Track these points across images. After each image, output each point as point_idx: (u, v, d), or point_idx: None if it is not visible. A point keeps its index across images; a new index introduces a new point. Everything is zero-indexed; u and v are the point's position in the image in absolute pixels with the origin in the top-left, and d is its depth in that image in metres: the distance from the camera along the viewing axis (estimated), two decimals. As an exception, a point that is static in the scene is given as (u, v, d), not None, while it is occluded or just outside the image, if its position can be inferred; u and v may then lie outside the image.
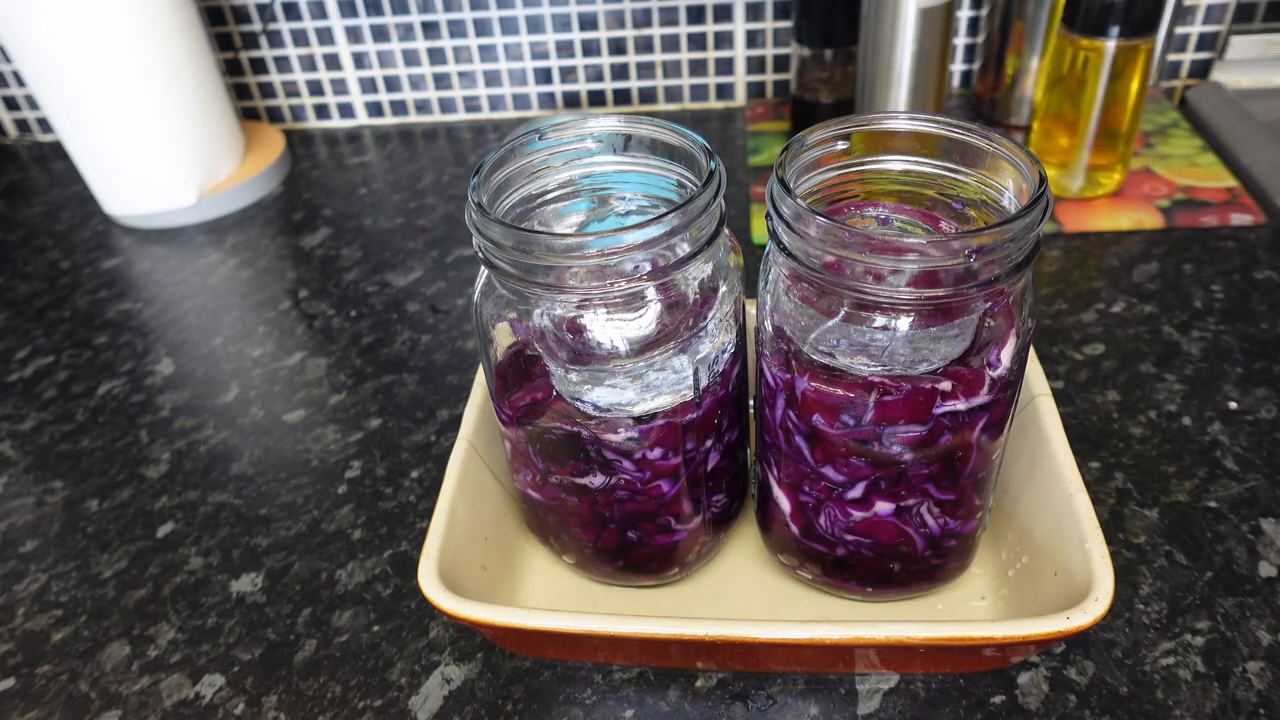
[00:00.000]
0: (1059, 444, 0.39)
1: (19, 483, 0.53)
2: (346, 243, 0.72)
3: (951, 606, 0.41)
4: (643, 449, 0.36)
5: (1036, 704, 0.37)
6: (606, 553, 0.40)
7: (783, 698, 0.38)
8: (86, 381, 0.60)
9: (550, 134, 0.37)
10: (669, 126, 0.36)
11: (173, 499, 0.51)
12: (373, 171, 0.82)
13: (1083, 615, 0.33)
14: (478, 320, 0.37)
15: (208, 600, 0.45)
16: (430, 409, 0.55)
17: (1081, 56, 0.61)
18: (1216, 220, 0.64)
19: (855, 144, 0.35)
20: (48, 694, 0.41)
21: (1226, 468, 0.47)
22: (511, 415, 0.38)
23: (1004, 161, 0.33)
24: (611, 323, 0.34)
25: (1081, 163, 0.65)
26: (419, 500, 0.49)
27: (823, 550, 0.39)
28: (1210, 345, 0.54)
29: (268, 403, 0.57)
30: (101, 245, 0.75)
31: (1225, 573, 0.42)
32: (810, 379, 0.34)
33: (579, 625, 0.34)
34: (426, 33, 0.85)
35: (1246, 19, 0.78)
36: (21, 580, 0.47)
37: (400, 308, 0.64)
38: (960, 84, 0.84)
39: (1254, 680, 0.38)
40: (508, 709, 0.39)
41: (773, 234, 0.33)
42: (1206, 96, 0.76)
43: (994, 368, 0.33)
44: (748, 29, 0.82)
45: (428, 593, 0.35)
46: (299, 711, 0.40)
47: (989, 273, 0.30)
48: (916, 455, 0.34)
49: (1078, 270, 0.61)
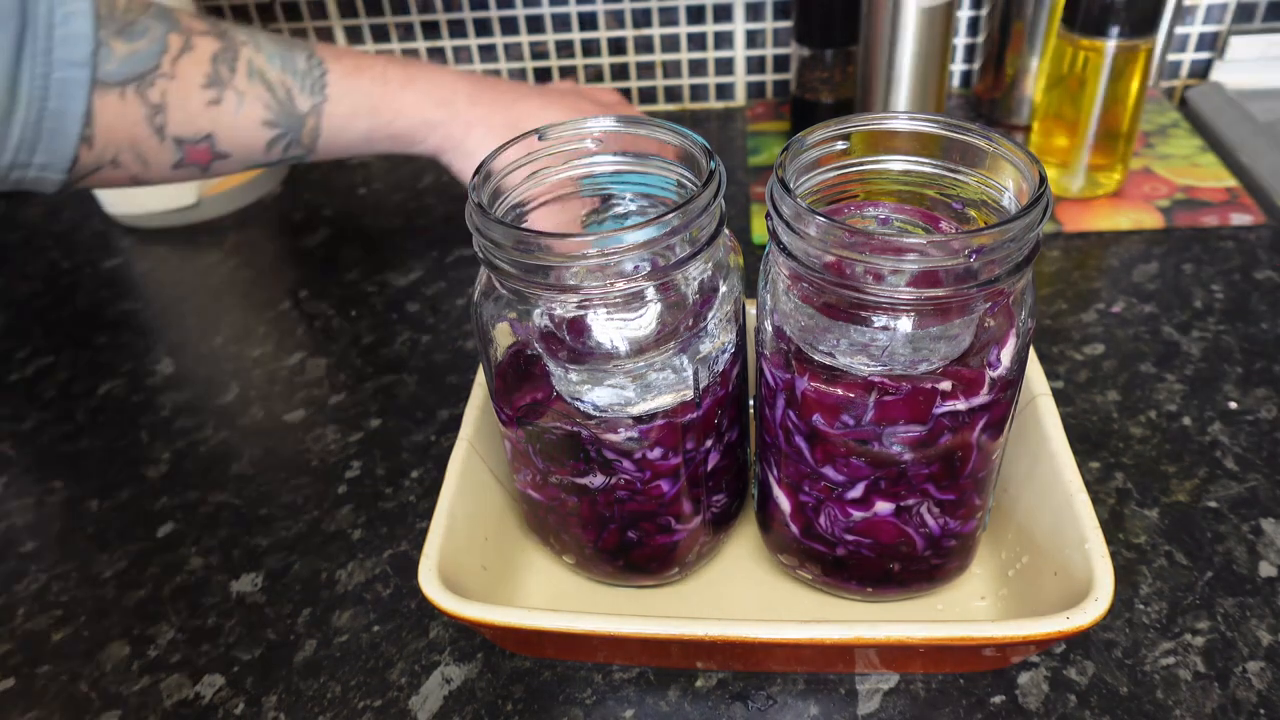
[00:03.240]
0: (1059, 444, 0.39)
1: (19, 483, 0.53)
2: (346, 243, 0.72)
3: (951, 606, 0.41)
4: (643, 449, 0.36)
5: (1036, 704, 0.37)
6: (606, 553, 0.41)
7: (783, 698, 0.38)
8: (86, 381, 0.60)
9: (550, 134, 0.37)
10: (669, 126, 0.36)
11: (173, 499, 0.51)
12: (373, 171, 0.82)
13: (1083, 615, 0.33)
14: (478, 320, 0.37)
15: (208, 600, 0.45)
16: (430, 409, 0.55)
17: (1081, 56, 0.61)
18: (1216, 220, 0.64)
19: (855, 144, 0.35)
20: (48, 694, 0.41)
21: (1226, 468, 0.47)
22: (511, 415, 0.38)
23: (1004, 161, 0.33)
24: (611, 323, 0.34)
25: (1081, 163, 0.65)
26: (419, 500, 0.49)
27: (823, 550, 0.39)
28: (1210, 345, 0.54)
29: (268, 403, 0.57)
30: (101, 245, 0.75)
31: (1225, 573, 0.42)
32: (810, 379, 0.34)
33: (579, 625, 0.34)
34: (426, 33, 0.85)
35: (1246, 19, 0.78)
36: (21, 580, 0.47)
37: (400, 308, 0.64)
38: (960, 84, 0.84)
39: (1254, 680, 0.38)
40: (508, 709, 0.39)
41: (773, 234, 0.33)
42: (1206, 96, 0.76)
43: (994, 368, 0.33)
44: (748, 29, 0.82)
45: (428, 593, 0.35)
46: (299, 711, 0.40)
47: (989, 273, 0.30)
48: (916, 455, 0.34)
49: (1078, 270, 0.61)
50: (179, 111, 0.51)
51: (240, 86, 0.52)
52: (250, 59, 0.53)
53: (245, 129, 0.54)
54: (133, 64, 0.49)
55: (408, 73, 0.58)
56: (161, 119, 0.50)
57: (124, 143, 0.50)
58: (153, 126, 0.50)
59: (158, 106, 0.50)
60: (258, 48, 0.53)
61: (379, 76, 0.57)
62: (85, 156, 0.50)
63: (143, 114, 0.50)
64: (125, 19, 0.49)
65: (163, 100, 0.50)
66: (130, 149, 0.51)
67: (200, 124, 0.52)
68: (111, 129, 0.49)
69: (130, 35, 0.49)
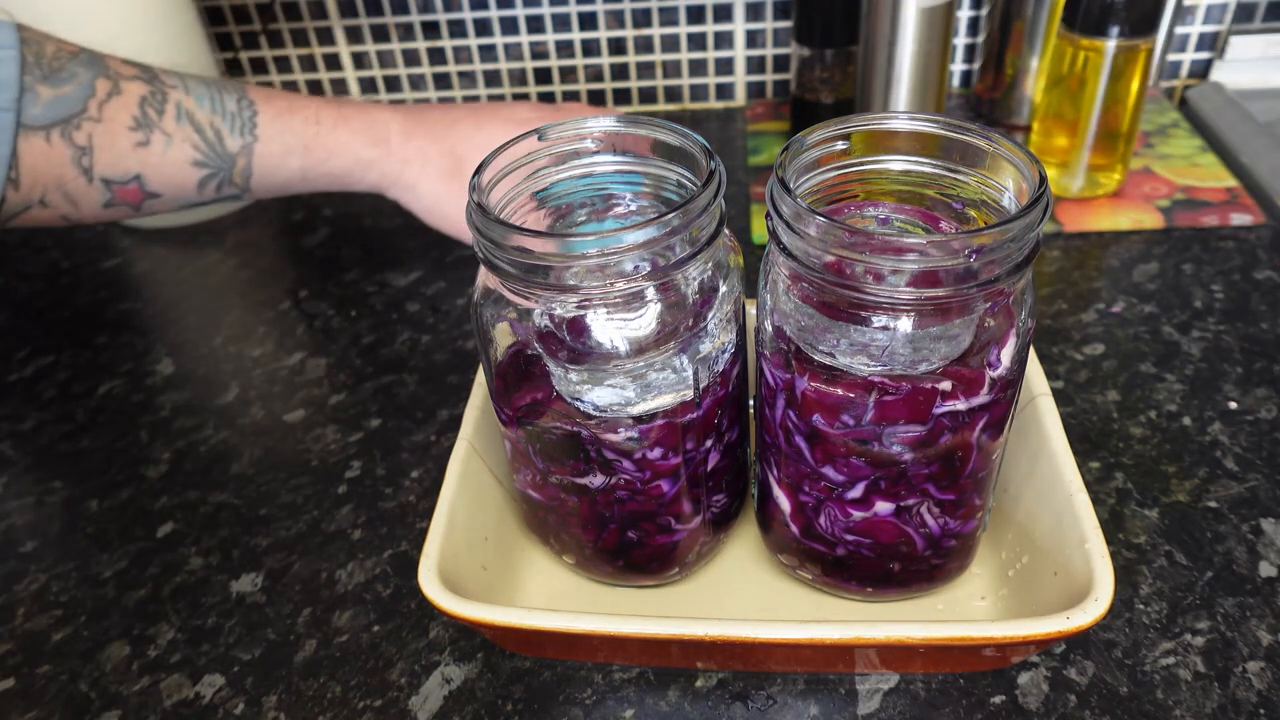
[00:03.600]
0: (1059, 444, 0.39)
1: (19, 483, 0.53)
2: (346, 243, 0.72)
3: (951, 606, 0.41)
4: (643, 449, 0.36)
5: (1036, 704, 0.37)
6: (606, 553, 0.41)
7: (783, 698, 0.38)
8: (86, 381, 0.60)
9: (550, 134, 0.37)
10: (669, 126, 0.36)
11: (173, 499, 0.51)
12: (373, 171, 0.82)
13: (1083, 615, 0.33)
14: (478, 320, 0.37)
15: (208, 600, 0.45)
16: (430, 409, 0.55)
17: (1081, 56, 0.61)
18: (1216, 220, 0.64)
19: (855, 144, 0.35)
20: (48, 694, 0.41)
21: (1226, 468, 0.47)
22: (511, 415, 0.38)
23: (1004, 161, 0.33)
24: (611, 323, 0.34)
25: (1081, 163, 0.65)
26: (419, 500, 0.49)
27: (823, 550, 0.39)
28: (1210, 345, 0.54)
29: (268, 403, 0.57)
30: (101, 245, 0.75)
31: (1225, 573, 0.42)
32: (810, 379, 0.34)
33: (579, 625, 0.34)
34: (426, 33, 0.85)
35: (1246, 19, 0.78)
36: (21, 580, 0.47)
37: (400, 308, 0.64)
38: (960, 84, 0.84)
39: (1254, 680, 0.38)
40: (508, 709, 0.39)
41: (773, 234, 0.33)
42: (1206, 96, 0.76)
43: (994, 368, 0.33)
44: (748, 29, 0.82)
45: (428, 593, 0.35)
46: (299, 711, 0.40)
47: (989, 273, 0.30)
48: (916, 455, 0.34)
49: (1078, 270, 0.61)
50: (106, 153, 0.53)
51: (168, 128, 0.54)
52: (179, 101, 0.55)
53: (174, 169, 0.55)
54: (58, 108, 0.50)
55: (341, 113, 0.60)
56: (89, 160, 0.52)
57: (51, 184, 0.52)
58: (80, 168, 0.52)
59: (84, 149, 0.52)
60: (187, 90, 0.55)
61: (311, 117, 0.58)
62: (13, 197, 0.51)
63: (69, 155, 0.51)
64: (53, 65, 0.51)
65: (89, 143, 0.52)
66: (58, 189, 0.52)
67: (128, 165, 0.54)
68: (37, 170, 0.51)
69: (57, 81, 0.50)
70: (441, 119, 0.62)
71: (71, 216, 0.55)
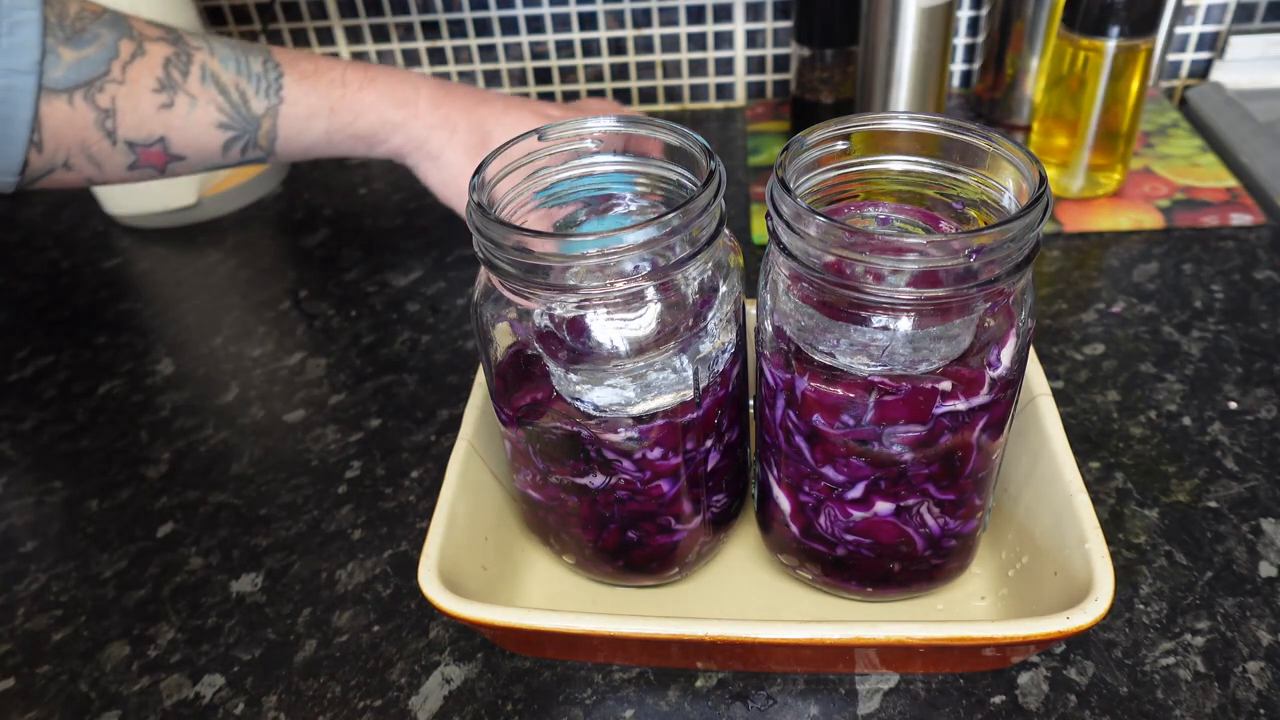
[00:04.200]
0: (1059, 444, 0.39)
1: (19, 483, 0.53)
2: (346, 243, 0.72)
3: (951, 606, 0.41)
4: (643, 449, 0.36)
5: (1036, 704, 0.37)
6: (606, 553, 0.41)
7: (783, 698, 0.38)
8: (86, 381, 0.60)
9: (550, 134, 0.37)
10: (669, 126, 0.36)
11: (173, 499, 0.51)
12: (373, 171, 0.82)
13: (1083, 615, 0.33)
14: (478, 320, 0.37)
15: (208, 600, 0.45)
16: (430, 409, 0.55)
17: (1081, 56, 0.61)
18: (1216, 220, 0.64)
19: (855, 144, 0.35)
20: (48, 694, 0.41)
21: (1226, 468, 0.47)
22: (511, 415, 0.38)
23: (1004, 161, 0.33)
24: (611, 323, 0.34)
25: (1081, 163, 0.65)
26: (419, 500, 0.49)
27: (823, 550, 0.39)
28: (1210, 345, 0.54)
29: (268, 403, 0.57)
30: (101, 245, 0.75)
31: (1225, 573, 0.42)
32: (810, 379, 0.34)
33: (579, 625, 0.34)
34: (426, 33, 0.85)
35: (1246, 19, 0.78)
36: (21, 580, 0.47)
37: (400, 308, 0.64)
38: (960, 84, 0.84)
39: (1254, 680, 0.38)
40: (508, 709, 0.39)
41: (773, 234, 0.33)
42: (1206, 96, 0.76)
43: (994, 368, 0.33)
44: (748, 29, 0.82)
45: (428, 593, 0.35)
46: (299, 711, 0.40)
47: (989, 273, 0.30)
48: (916, 455, 0.34)
49: (1078, 270, 0.61)
50: (130, 115, 0.52)
51: (193, 90, 0.53)
52: (204, 63, 0.54)
53: (199, 131, 0.55)
54: (81, 70, 0.50)
55: (368, 74, 0.59)
56: (112, 123, 0.52)
57: (74, 146, 0.51)
58: (103, 130, 0.52)
59: (107, 111, 0.51)
60: (212, 52, 0.54)
61: (337, 79, 0.57)
62: (35, 160, 0.51)
63: (92, 119, 0.51)
64: (75, 27, 0.50)
65: (113, 105, 0.51)
66: (81, 152, 0.52)
67: (152, 127, 0.53)
68: (60, 134, 0.51)
69: (79, 42, 0.50)
70: (470, 93, 0.61)
71: (96, 179, 0.54)
